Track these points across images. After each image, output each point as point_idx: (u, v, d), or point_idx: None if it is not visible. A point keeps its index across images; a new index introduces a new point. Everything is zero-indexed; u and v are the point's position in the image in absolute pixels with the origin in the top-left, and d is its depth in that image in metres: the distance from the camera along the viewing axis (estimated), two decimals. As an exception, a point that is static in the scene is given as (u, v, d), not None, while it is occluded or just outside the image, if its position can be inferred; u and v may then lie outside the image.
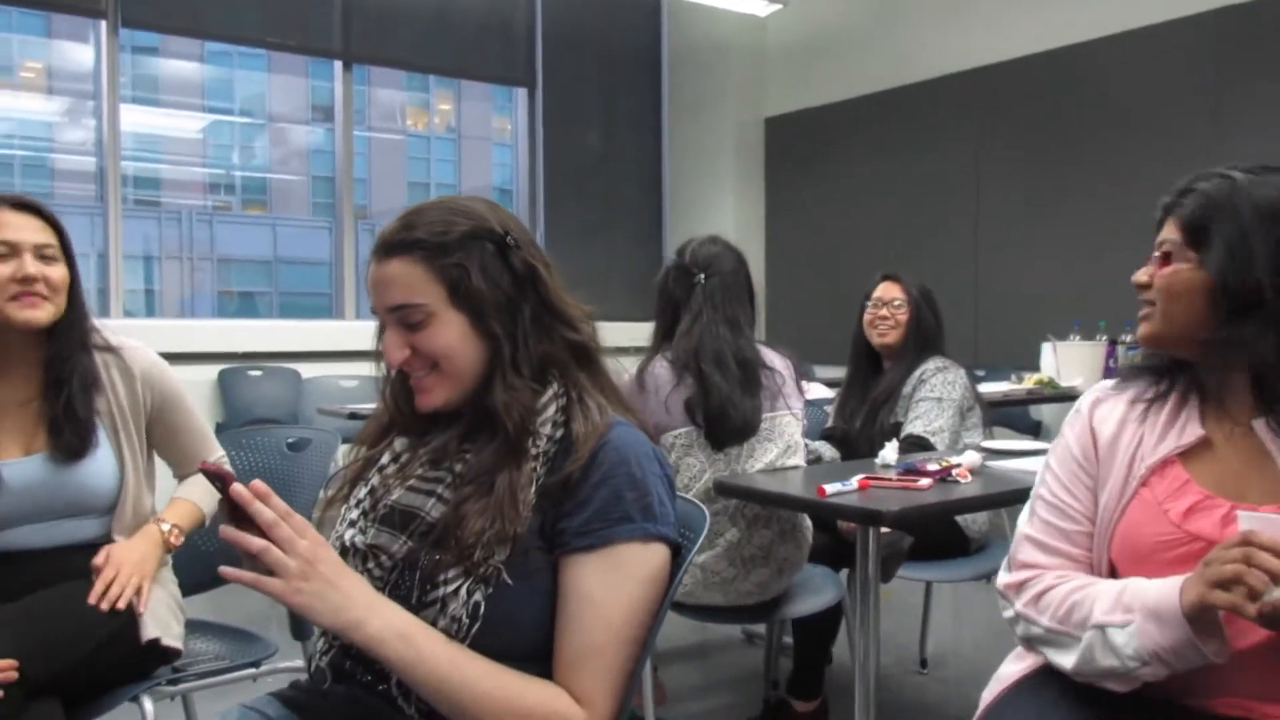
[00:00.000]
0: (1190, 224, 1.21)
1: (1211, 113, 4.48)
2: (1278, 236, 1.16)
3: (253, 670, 1.85)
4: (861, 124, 5.96)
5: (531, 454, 1.11)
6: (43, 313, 1.69)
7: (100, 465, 1.75)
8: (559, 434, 1.12)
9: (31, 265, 1.67)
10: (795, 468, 2.35)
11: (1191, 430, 1.24)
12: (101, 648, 1.60)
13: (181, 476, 1.95)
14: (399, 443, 1.23)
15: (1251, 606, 1.00)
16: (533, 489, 1.09)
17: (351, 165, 5.90)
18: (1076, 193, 4.86)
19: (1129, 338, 4.45)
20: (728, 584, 2.25)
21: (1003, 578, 1.33)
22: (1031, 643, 1.27)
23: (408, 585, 1.09)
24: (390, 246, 1.13)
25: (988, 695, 1.34)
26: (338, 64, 5.74)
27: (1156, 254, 1.25)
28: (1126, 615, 1.12)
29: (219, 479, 1.01)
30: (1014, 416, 4.76)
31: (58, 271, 1.71)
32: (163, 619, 1.75)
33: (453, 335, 1.12)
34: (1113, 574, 1.26)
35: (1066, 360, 4.40)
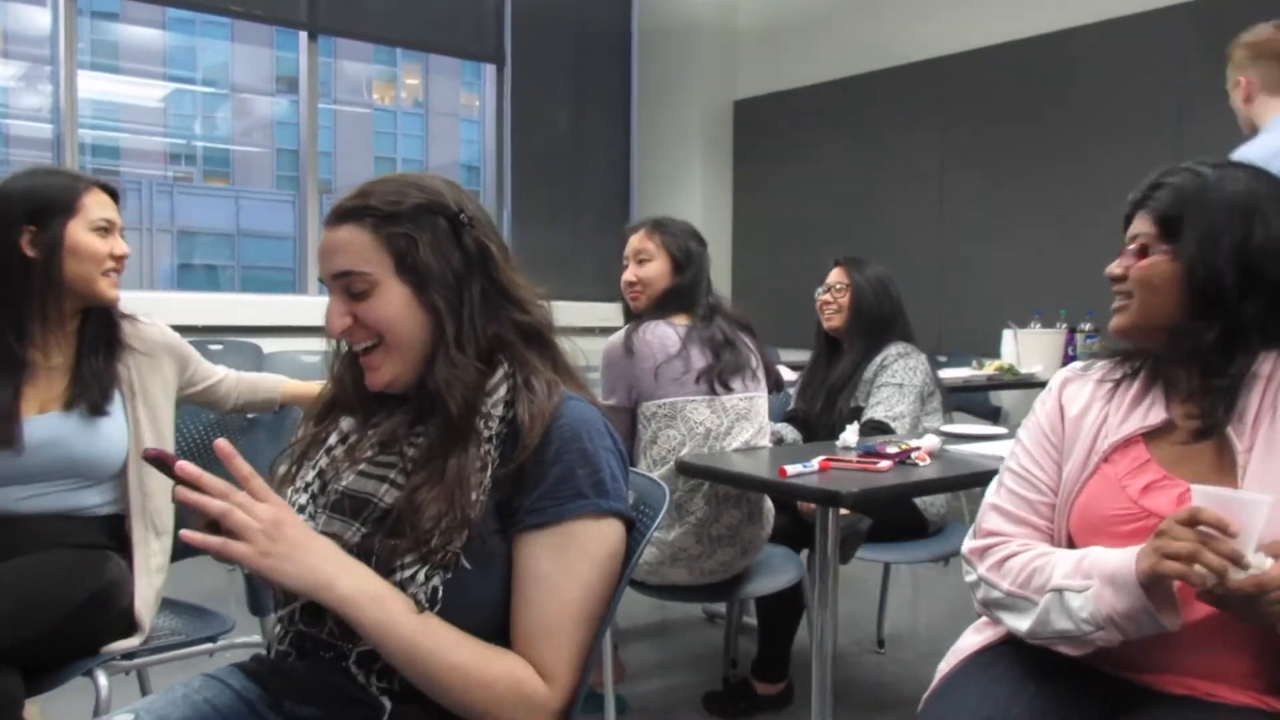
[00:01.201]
0: (1165, 217, 1.24)
1: (1175, 105, 4.54)
2: (1242, 231, 1.20)
3: (210, 645, 1.84)
4: (830, 109, 5.97)
5: (484, 436, 1.10)
6: (119, 291, 1.81)
7: (110, 429, 1.77)
8: (510, 415, 1.11)
9: (123, 244, 1.80)
10: (761, 448, 2.37)
11: (1156, 413, 1.28)
12: (72, 618, 1.60)
13: (239, 404, 2.09)
14: (346, 423, 1.22)
15: (1200, 574, 1.03)
16: (487, 473, 1.08)
17: (316, 138, 5.82)
18: (1041, 182, 4.91)
19: (1088, 326, 4.52)
20: (693, 561, 2.27)
21: (967, 544, 1.37)
22: (990, 607, 1.31)
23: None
24: (342, 213, 1.12)
25: (944, 667, 1.38)
26: (303, 34, 5.64)
27: (1132, 247, 1.29)
28: (1085, 580, 1.16)
29: (161, 463, 1.00)
30: (974, 402, 4.81)
31: (121, 246, 1.81)
32: (149, 600, 1.77)
33: (395, 306, 1.11)
34: (1070, 546, 1.30)
35: (1027, 347, 4.46)
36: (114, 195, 1.82)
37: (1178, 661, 1.21)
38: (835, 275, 2.92)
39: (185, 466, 0.98)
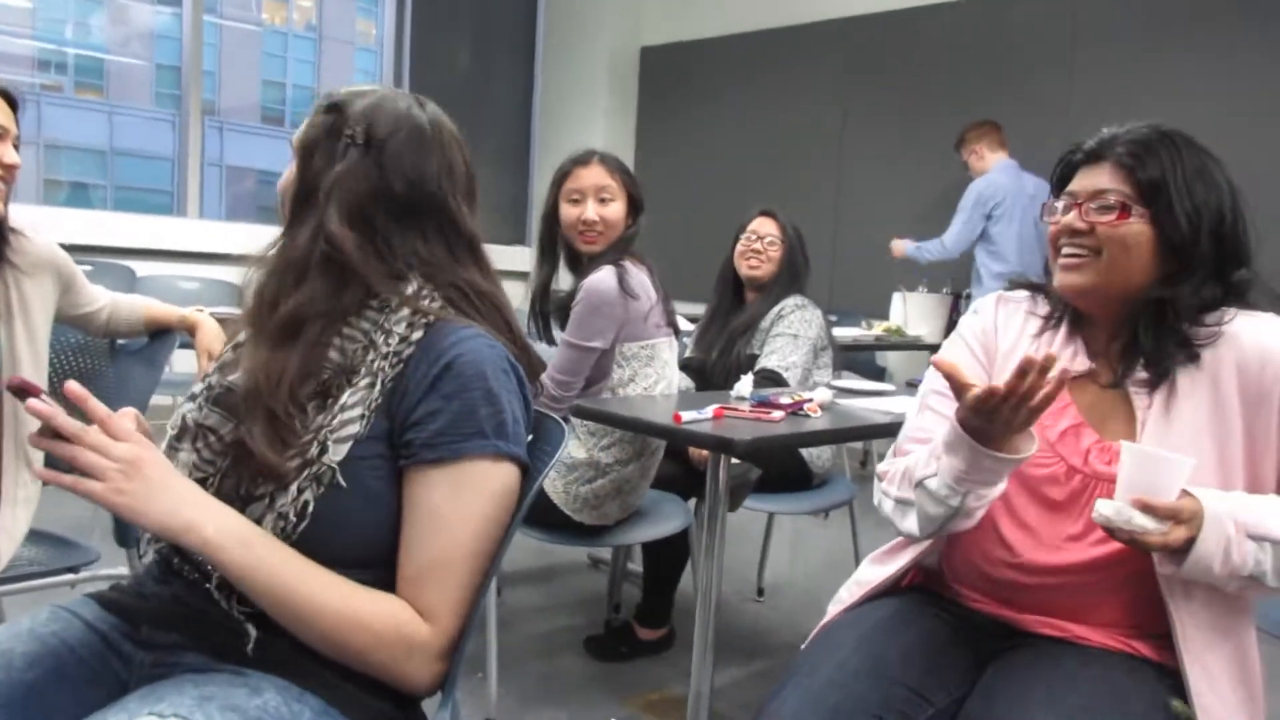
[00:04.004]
0: (1149, 179, 1.23)
1: (1066, 70, 4.68)
2: (1211, 200, 1.23)
3: (71, 576, 1.76)
4: (735, 62, 5.96)
5: (382, 351, 1.06)
6: (4, 205, 1.67)
7: None
8: (414, 335, 1.07)
9: (13, 154, 1.65)
10: (661, 396, 2.37)
11: (1081, 361, 1.31)
12: None
13: (107, 328, 1.96)
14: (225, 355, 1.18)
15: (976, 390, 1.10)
16: (376, 390, 1.05)
17: (201, 55, 5.51)
18: (937, 148, 5.02)
19: (968, 292, 4.68)
20: (628, 495, 2.30)
21: (883, 466, 1.41)
22: (891, 516, 1.35)
23: (235, 475, 1.05)
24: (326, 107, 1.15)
25: (845, 595, 1.43)
26: (190, -60, 5.32)
27: (1094, 204, 1.25)
28: (935, 463, 1.22)
29: (23, 392, 0.95)
30: (860, 362, 4.92)
31: (15, 156, 1.67)
32: (11, 532, 1.68)
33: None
34: None
35: (915, 311, 4.59)
36: (11, 101, 1.66)
37: (1049, 604, 1.27)
38: (768, 226, 2.90)
39: (35, 405, 0.93)
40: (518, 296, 2.61)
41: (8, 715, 0.99)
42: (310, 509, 1.01)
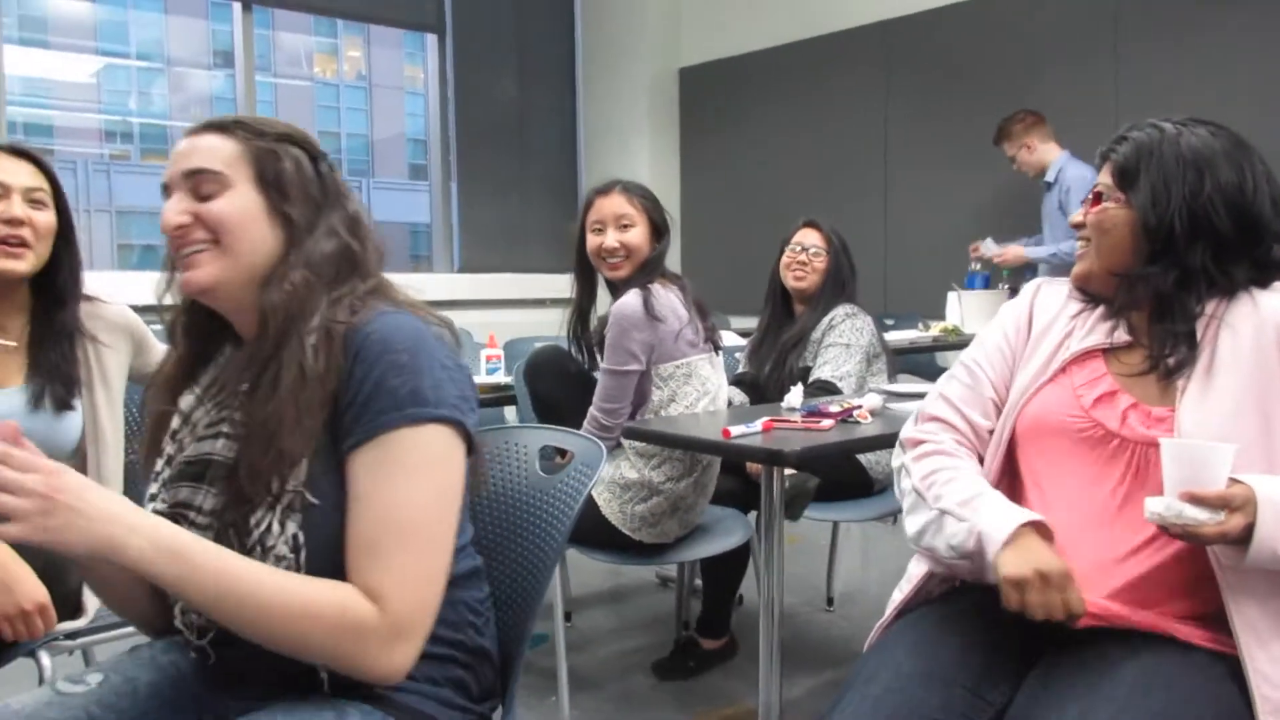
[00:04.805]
0: (1121, 167, 1.32)
1: (1112, 58, 4.61)
2: (1192, 183, 1.27)
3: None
4: (775, 75, 5.97)
5: (309, 363, 1.04)
6: (23, 263, 1.67)
7: (68, 420, 1.72)
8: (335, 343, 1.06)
9: (19, 208, 1.66)
10: (712, 411, 2.40)
11: (1121, 334, 1.35)
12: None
13: None
14: (185, 402, 1.17)
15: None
16: (317, 401, 1.04)
17: (255, 112, 5.71)
18: (984, 144, 4.96)
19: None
20: (685, 513, 2.33)
21: (907, 429, 1.45)
22: (902, 495, 1.41)
23: (227, 542, 1.03)
24: (209, 124, 1.13)
25: (898, 595, 1.46)
26: (237, 5, 5.52)
27: (1091, 198, 1.37)
28: (968, 515, 1.26)
29: None
30: (920, 364, 4.88)
31: (45, 218, 1.70)
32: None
33: (244, 210, 1.09)
34: (1011, 446, 1.38)
35: (970, 308, 4.53)
36: (33, 160, 1.72)
37: (1101, 594, 1.27)
38: (812, 237, 2.92)
39: None
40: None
41: None
42: (302, 539, 1.02)
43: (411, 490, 1.02)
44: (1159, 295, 1.29)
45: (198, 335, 1.18)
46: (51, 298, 1.75)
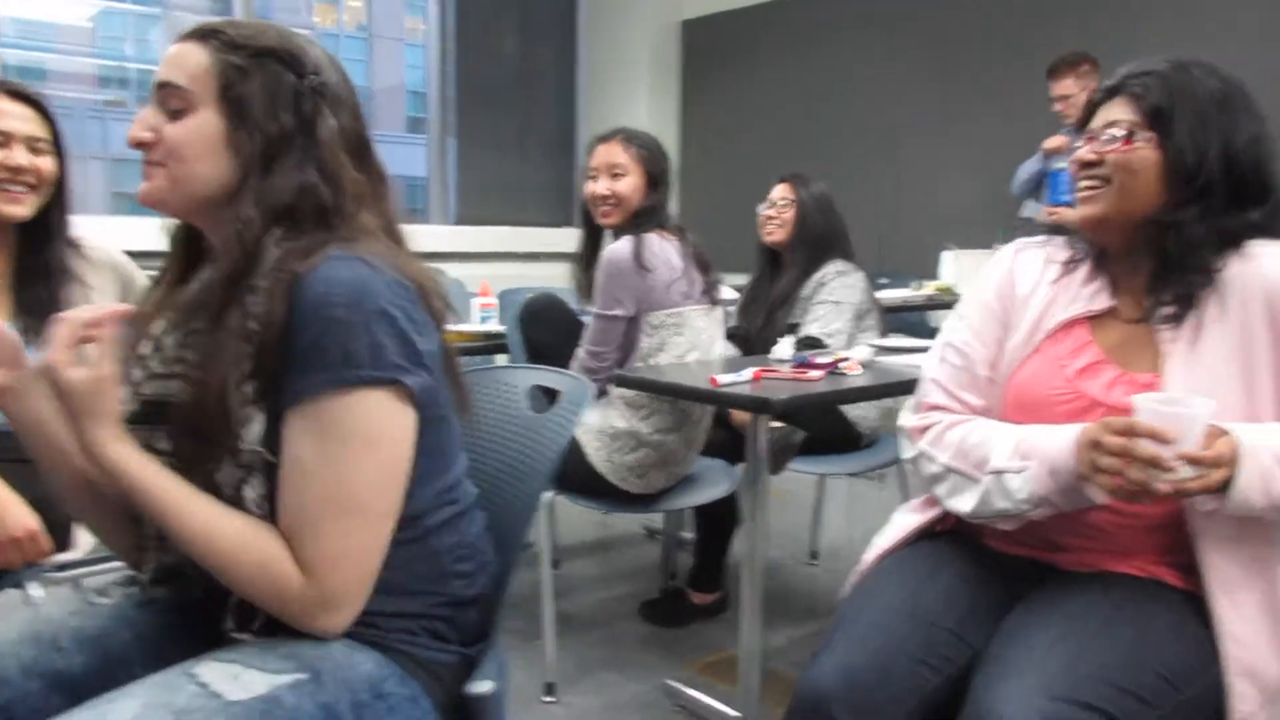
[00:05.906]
0: (1154, 106, 1.24)
1: (1129, 26, 4.56)
2: (1226, 128, 1.23)
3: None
4: (779, 27, 5.91)
5: (250, 314, 0.99)
6: (23, 208, 1.70)
7: None
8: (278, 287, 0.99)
9: (22, 155, 1.67)
10: (703, 362, 2.41)
11: (1101, 300, 1.32)
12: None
13: None
14: (158, 326, 1.12)
15: (1126, 491, 1.11)
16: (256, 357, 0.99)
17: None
18: (988, 103, 4.93)
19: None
20: (674, 466, 2.35)
21: (908, 419, 1.41)
22: (931, 481, 1.36)
23: (193, 478, 1.01)
24: (194, 30, 1.07)
25: (880, 541, 1.46)
26: (234, -52, 5.44)
27: (1112, 132, 1.27)
28: (1023, 461, 1.21)
29: None
30: (912, 323, 4.88)
31: (47, 164, 1.71)
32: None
33: (199, 135, 1.03)
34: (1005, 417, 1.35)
35: (966, 268, 4.53)
36: (32, 103, 1.72)
37: (1083, 546, 1.29)
38: (780, 191, 2.93)
39: None
40: (567, 278, 2.67)
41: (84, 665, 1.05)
42: (268, 499, 0.99)
43: (345, 461, 0.96)
44: (1183, 243, 1.23)
45: (183, 241, 1.15)
46: (39, 238, 1.75)
